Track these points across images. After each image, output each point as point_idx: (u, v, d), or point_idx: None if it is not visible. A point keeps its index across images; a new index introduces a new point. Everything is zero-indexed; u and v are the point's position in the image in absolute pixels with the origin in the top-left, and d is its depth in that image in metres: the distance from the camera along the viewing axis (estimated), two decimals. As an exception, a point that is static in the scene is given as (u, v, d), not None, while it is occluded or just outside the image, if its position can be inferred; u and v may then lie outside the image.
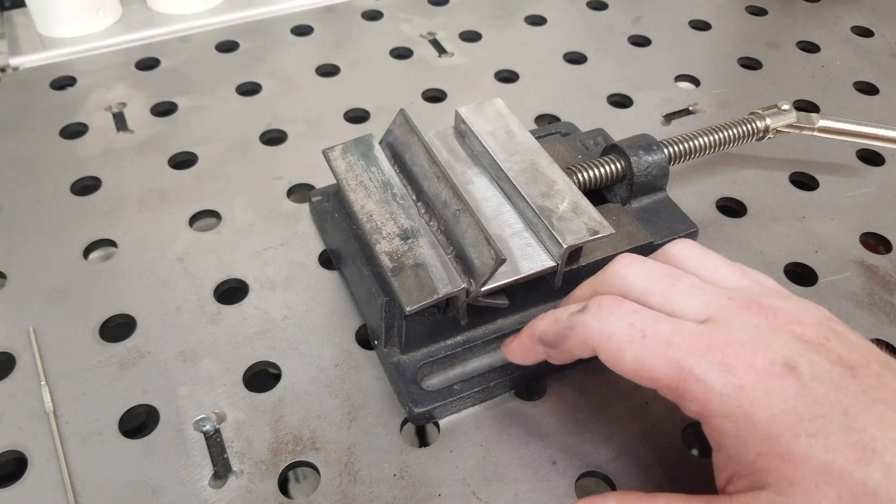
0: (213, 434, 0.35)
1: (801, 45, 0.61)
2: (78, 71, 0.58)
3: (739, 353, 0.27)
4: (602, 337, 0.29)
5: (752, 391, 0.26)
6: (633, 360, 0.28)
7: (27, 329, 0.39)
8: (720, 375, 0.26)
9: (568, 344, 0.30)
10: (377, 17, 0.64)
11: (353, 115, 0.54)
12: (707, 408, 0.27)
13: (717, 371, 0.27)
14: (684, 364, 0.27)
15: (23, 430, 0.35)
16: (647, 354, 0.28)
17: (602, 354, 0.29)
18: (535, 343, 0.32)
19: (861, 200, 0.48)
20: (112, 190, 0.48)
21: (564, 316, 0.30)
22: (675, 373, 0.27)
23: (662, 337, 0.28)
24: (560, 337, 0.31)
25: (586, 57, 0.59)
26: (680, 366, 0.27)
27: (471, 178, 0.39)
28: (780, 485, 0.25)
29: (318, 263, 0.43)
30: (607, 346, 0.29)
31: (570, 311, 0.30)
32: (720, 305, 0.29)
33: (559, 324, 0.31)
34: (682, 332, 0.28)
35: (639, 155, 0.41)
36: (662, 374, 0.27)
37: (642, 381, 0.28)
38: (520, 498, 0.33)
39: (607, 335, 0.29)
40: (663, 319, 0.28)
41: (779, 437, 0.25)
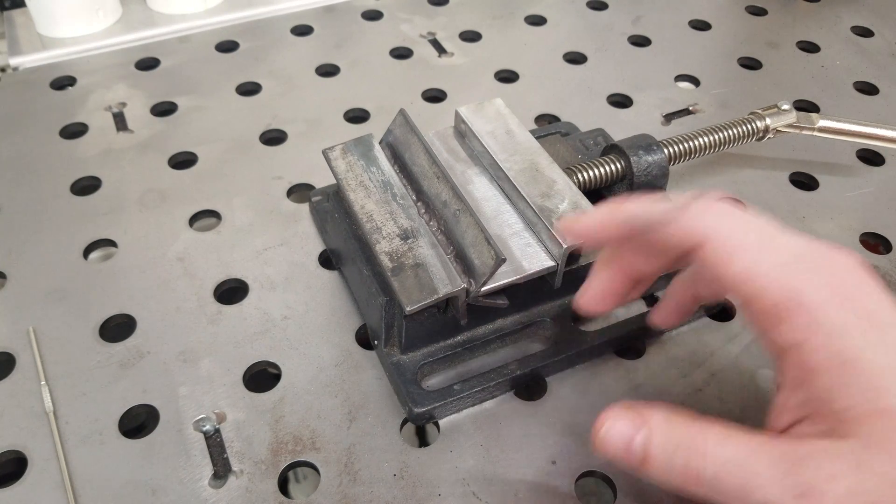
0: (213, 434, 0.35)
1: (801, 45, 0.61)
2: (78, 71, 0.58)
3: (854, 292, 0.25)
4: (717, 231, 0.26)
5: (864, 335, 0.24)
6: (744, 267, 0.25)
7: (27, 329, 0.39)
8: (838, 309, 0.24)
9: (668, 230, 0.27)
10: (377, 17, 0.64)
11: (353, 115, 0.54)
12: (810, 341, 0.24)
13: (836, 303, 0.24)
14: (800, 290, 0.24)
15: (23, 430, 0.35)
16: (762, 265, 0.25)
17: (708, 251, 0.26)
18: (618, 222, 0.29)
19: (861, 200, 0.48)
20: (112, 190, 0.48)
21: (667, 206, 0.27)
22: (786, 296, 0.25)
23: (780, 254, 0.25)
24: (662, 221, 0.27)
25: (586, 57, 0.59)
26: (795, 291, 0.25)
27: (471, 178, 0.39)
28: (868, 439, 0.23)
29: (318, 263, 0.43)
30: (720, 243, 0.25)
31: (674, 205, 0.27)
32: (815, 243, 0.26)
33: (660, 208, 0.27)
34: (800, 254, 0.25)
35: (639, 155, 0.41)
36: (772, 293, 0.25)
37: (740, 293, 0.26)
38: (520, 498, 0.33)
39: (724, 231, 0.25)
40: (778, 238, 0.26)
41: (884, 390, 0.23)
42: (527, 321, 0.38)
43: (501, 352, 0.38)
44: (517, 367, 0.36)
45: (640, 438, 0.26)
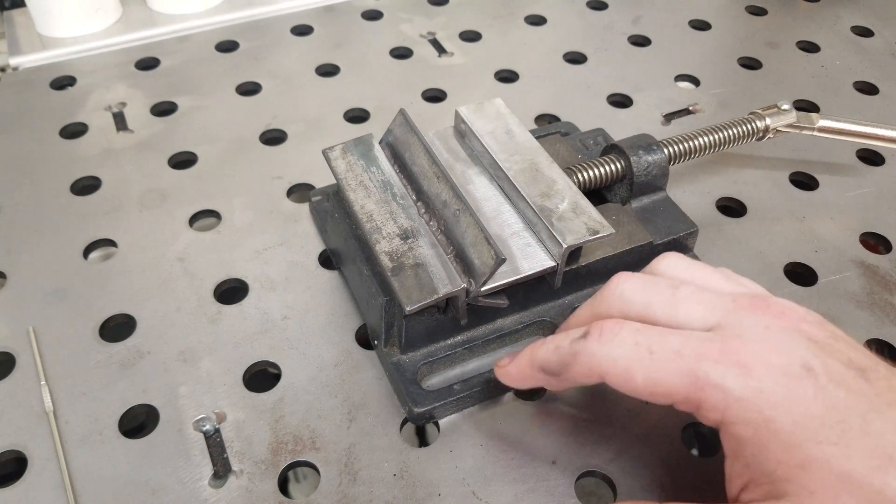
0: (213, 434, 0.35)
1: (801, 45, 0.61)
2: (78, 71, 0.58)
3: (756, 353, 0.26)
4: (608, 361, 0.28)
5: (772, 394, 0.25)
6: (644, 378, 0.27)
7: (27, 329, 0.39)
8: (738, 378, 0.26)
9: (572, 372, 0.29)
10: (377, 16, 0.64)
11: (353, 115, 0.54)
12: (726, 415, 0.26)
13: (734, 374, 0.26)
14: (698, 372, 0.26)
15: (23, 430, 0.35)
16: (658, 370, 0.27)
17: (611, 380, 0.28)
18: (535, 371, 0.31)
19: (861, 200, 0.48)
20: (112, 190, 0.48)
21: (566, 343, 0.29)
22: (690, 382, 0.26)
23: (671, 349, 0.27)
24: (563, 365, 0.30)
25: (586, 57, 0.59)
26: (694, 374, 0.26)
27: (471, 177, 0.39)
28: (799, 494, 0.25)
29: (318, 263, 0.43)
30: (615, 370, 0.28)
31: (572, 338, 0.29)
32: (725, 308, 0.28)
33: (561, 351, 0.30)
34: (690, 341, 0.27)
35: (639, 155, 0.41)
36: (677, 387, 0.26)
37: (657, 398, 0.27)
38: (520, 498, 0.33)
39: (613, 359, 0.28)
40: (669, 332, 0.28)
41: (800, 444, 0.25)
42: (527, 321, 0.38)
43: (501, 352, 0.38)
44: (517, 366, 0.36)
45: None
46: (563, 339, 0.30)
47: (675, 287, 0.29)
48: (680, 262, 0.32)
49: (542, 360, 0.31)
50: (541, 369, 0.31)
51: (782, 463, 0.25)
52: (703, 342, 0.27)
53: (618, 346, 0.28)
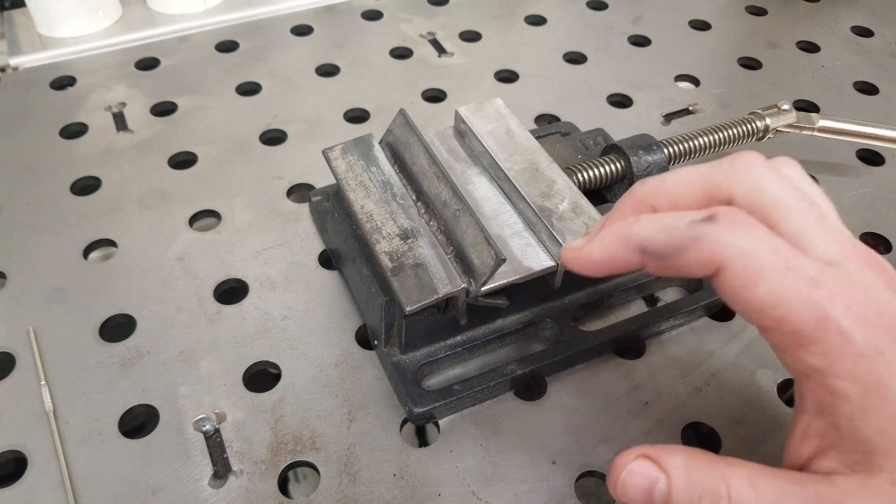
0: (212, 434, 0.35)
1: (801, 45, 0.61)
2: (78, 71, 0.58)
3: (879, 314, 0.23)
4: (739, 255, 0.24)
5: (892, 359, 0.23)
6: (769, 290, 0.23)
7: (27, 329, 0.39)
8: (864, 331, 0.23)
9: (684, 256, 0.25)
10: (377, 16, 0.64)
11: (353, 115, 0.54)
12: (836, 364, 0.23)
13: (861, 327, 0.23)
14: (829, 310, 0.23)
15: (23, 430, 0.35)
16: (787, 288, 0.23)
17: (731, 275, 0.24)
18: (631, 250, 0.26)
19: (861, 200, 0.48)
20: (112, 190, 0.48)
21: (682, 223, 0.25)
22: (817, 317, 0.23)
23: (807, 274, 0.23)
24: (675, 247, 0.25)
25: (586, 57, 0.59)
26: (825, 311, 0.23)
27: (471, 177, 0.39)
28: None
29: (318, 263, 0.43)
30: (742, 266, 0.24)
31: (691, 219, 0.25)
32: (846, 253, 0.25)
33: (675, 232, 0.25)
34: (826, 274, 0.24)
35: (639, 155, 0.41)
36: (799, 316, 0.23)
37: (766, 318, 0.24)
38: (520, 498, 0.33)
39: (747, 254, 0.24)
40: (802, 254, 0.24)
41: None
42: (527, 321, 0.38)
43: (501, 352, 0.38)
44: (517, 367, 0.36)
45: (660, 487, 0.25)
46: (675, 218, 0.25)
47: (811, 203, 0.26)
48: (806, 177, 0.28)
49: (644, 238, 0.26)
50: (640, 248, 0.26)
51: (885, 433, 0.23)
52: (839, 281, 0.24)
53: (755, 243, 0.24)
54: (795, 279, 0.23)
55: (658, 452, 0.26)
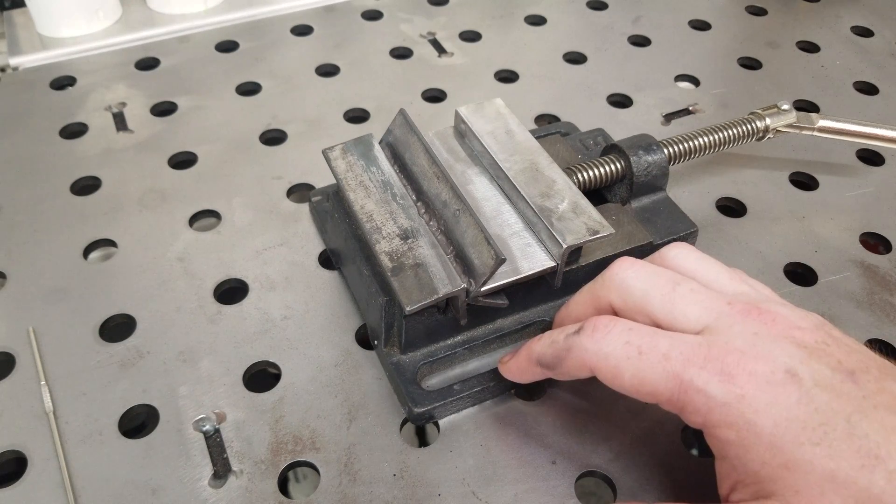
0: (212, 434, 0.35)
1: (801, 45, 0.61)
2: (78, 71, 0.58)
3: (739, 362, 0.27)
4: (599, 358, 0.29)
5: (753, 400, 0.26)
6: (631, 377, 0.28)
7: (27, 329, 0.39)
8: (720, 385, 0.26)
9: (566, 366, 0.30)
10: (377, 16, 0.64)
11: (353, 115, 0.54)
12: (709, 418, 0.27)
13: (717, 381, 0.26)
14: (683, 376, 0.27)
15: (23, 430, 0.35)
16: (645, 370, 0.28)
17: (600, 374, 0.29)
18: (533, 364, 0.32)
19: (861, 200, 0.48)
20: (112, 190, 0.48)
21: (561, 338, 0.31)
22: (675, 385, 0.27)
23: (659, 351, 0.28)
24: (557, 359, 0.31)
25: (586, 57, 0.59)
26: (679, 378, 0.27)
27: (471, 178, 0.39)
28: (784, 494, 0.25)
29: (318, 263, 0.43)
30: (605, 366, 0.29)
31: (567, 333, 0.30)
32: (719, 311, 0.29)
33: (556, 346, 0.31)
34: (678, 345, 0.28)
35: (639, 155, 0.41)
36: (662, 388, 0.27)
37: (643, 396, 0.28)
38: (520, 498, 0.33)
39: (604, 356, 0.29)
40: (659, 334, 0.28)
41: (782, 445, 0.25)
42: (527, 321, 0.38)
43: (501, 352, 0.38)
44: (517, 367, 0.36)
45: None
46: (558, 333, 0.31)
47: (676, 283, 0.30)
48: (689, 255, 0.32)
49: (538, 354, 0.32)
50: (538, 362, 0.32)
51: (766, 464, 0.26)
52: (691, 347, 0.27)
53: (609, 343, 0.29)
54: (649, 360, 0.28)
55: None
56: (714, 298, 0.29)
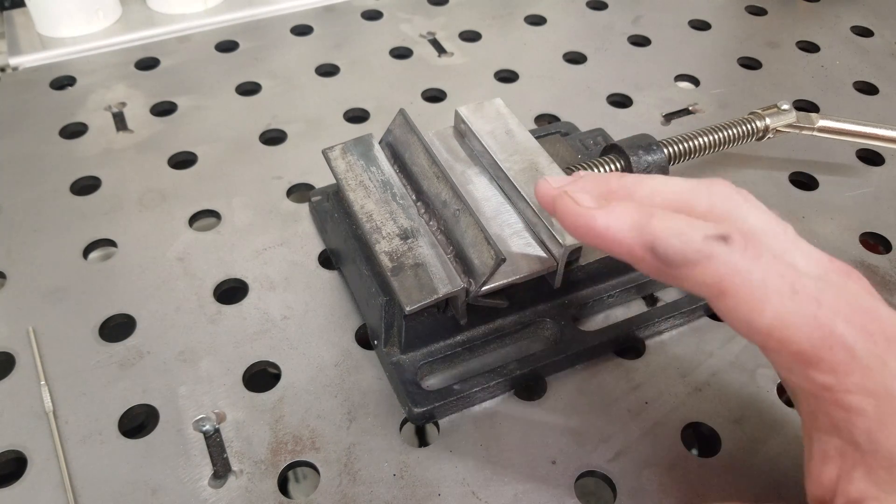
0: (212, 434, 0.35)
1: (801, 45, 0.61)
2: (78, 71, 0.58)
3: (875, 322, 0.23)
4: (745, 282, 0.23)
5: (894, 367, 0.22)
6: (774, 316, 0.23)
7: (27, 329, 0.39)
8: (866, 344, 0.23)
9: (693, 273, 0.24)
10: (377, 16, 0.64)
11: (353, 114, 0.54)
12: (845, 381, 0.23)
13: (863, 339, 0.23)
14: (835, 329, 0.23)
15: (22, 430, 0.35)
16: (792, 313, 0.23)
17: (734, 304, 0.24)
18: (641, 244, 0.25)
19: (861, 200, 0.48)
20: (112, 190, 0.48)
21: (698, 237, 0.24)
22: (819, 336, 0.23)
23: (811, 294, 0.23)
24: (685, 260, 0.24)
25: (586, 57, 0.59)
26: (828, 329, 0.23)
27: (470, 177, 0.39)
28: None
29: (318, 263, 0.43)
30: (748, 293, 0.23)
31: (706, 233, 0.24)
32: (827, 265, 0.25)
33: (690, 243, 0.24)
34: (827, 290, 0.23)
35: (638, 155, 0.41)
36: (803, 337, 0.23)
37: (770, 340, 0.24)
38: (520, 498, 0.33)
39: (752, 280, 0.23)
40: (804, 273, 0.24)
41: None
42: (527, 321, 0.38)
43: (501, 352, 0.38)
44: (517, 367, 0.36)
45: None
46: (689, 226, 0.24)
47: (784, 226, 0.26)
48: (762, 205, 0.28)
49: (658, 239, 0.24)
50: (650, 246, 0.25)
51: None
52: (838, 294, 0.23)
53: (764, 268, 0.23)
54: (800, 301, 0.23)
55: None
56: (817, 252, 0.26)
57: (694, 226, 0.24)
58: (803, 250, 0.26)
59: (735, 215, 0.26)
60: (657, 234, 0.25)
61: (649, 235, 0.25)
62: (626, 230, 0.25)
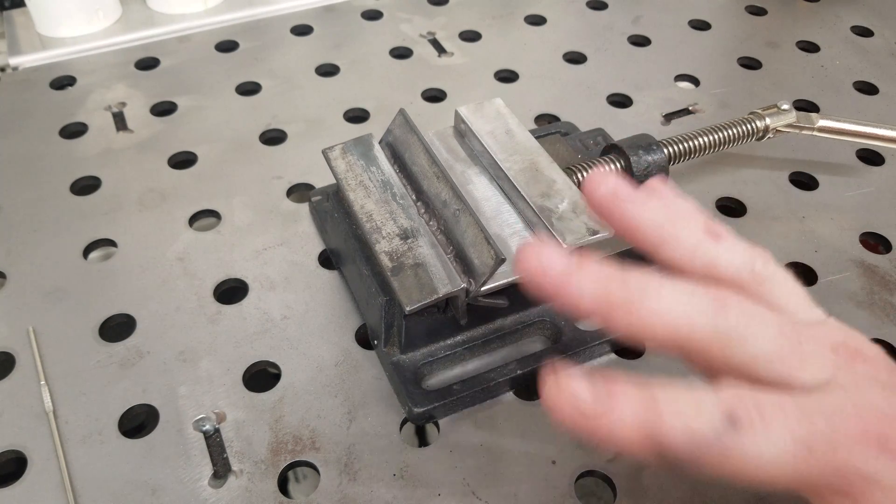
0: (212, 434, 0.35)
1: (801, 45, 0.61)
2: (78, 71, 0.58)
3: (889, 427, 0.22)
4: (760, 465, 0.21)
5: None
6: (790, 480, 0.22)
7: (27, 329, 0.39)
8: (887, 465, 0.22)
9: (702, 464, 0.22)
10: (377, 16, 0.64)
11: (353, 114, 0.54)
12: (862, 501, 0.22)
13: (883, 460, 0.22)
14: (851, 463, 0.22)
15: (22, 430, 0.35)
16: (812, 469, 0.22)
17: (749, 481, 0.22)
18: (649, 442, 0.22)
19: (861, 200, 0.48)
20: (112, 190, 0.48)
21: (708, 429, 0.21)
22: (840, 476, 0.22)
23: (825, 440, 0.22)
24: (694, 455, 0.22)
25: (586, 57, 0.59)
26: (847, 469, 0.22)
27: (470, 177, 0.39)
28: None
29: (318, 263, 0.43)
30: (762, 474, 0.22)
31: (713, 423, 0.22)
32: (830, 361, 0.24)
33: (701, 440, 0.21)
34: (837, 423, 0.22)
35: (639, 154, 0.41)
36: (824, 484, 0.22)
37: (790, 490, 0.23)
38: (520, 498, 0.33)
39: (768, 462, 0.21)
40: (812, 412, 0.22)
41: None
42: (527, 321, 0.38)
43: (501, 352, 0.38)
44: (517, 367, 0.36)
45: None
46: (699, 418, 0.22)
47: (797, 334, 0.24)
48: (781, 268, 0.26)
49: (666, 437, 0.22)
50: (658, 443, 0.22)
51: None
52: (844, 420, 0.22)
53: (775, 442, 0.22)
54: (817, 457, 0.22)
55: None
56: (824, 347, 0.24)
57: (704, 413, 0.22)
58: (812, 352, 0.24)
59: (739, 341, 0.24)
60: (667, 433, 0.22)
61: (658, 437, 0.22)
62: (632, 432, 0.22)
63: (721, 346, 0.23)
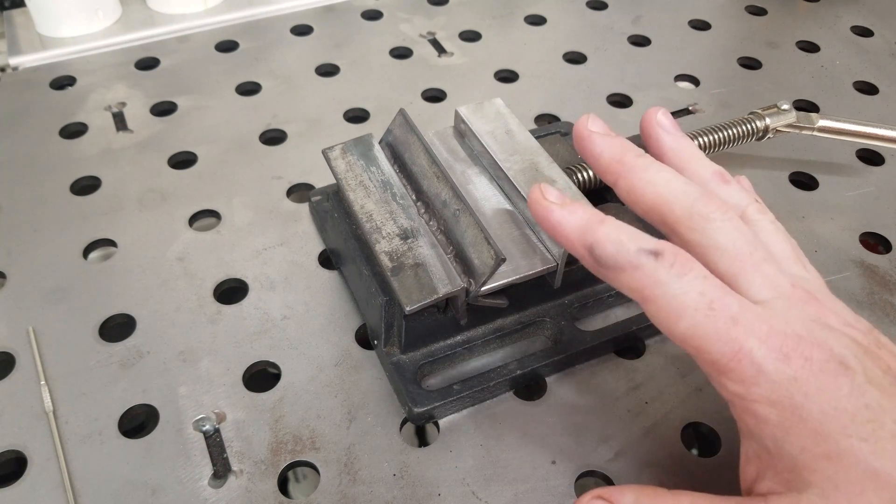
0: (212, 434, 0.35)
1: (801, 45, 0.61)
2: (78, 71, 0.58)
3: (797, 345, 0.25)
4: (664, 294, 0.26)
5: (805, 384, 0.25)
6: (687, 326, 0.26)
7: (27, 329, 0.39)
8: (776, 363, 0.25)
9: (621, 278, 0.27)
10: (377, 16, 0.64)
11: (353, 114, 0.54)
12: (752, 391, 0.25)
13: (773, 357, 0.25)
14: (743, 344, 0.25)
15: (22, 430, 0.35)
16: (706, 326, 0.26)
17: (652, 309, 0.27)
18: (582, 244, 0.28)
19: (861, 200, 0.48)
20: (112, 190, 0.48)
21: (632, 248, 0.27)
22: (730, 350, 0.25)
23: (729, 313, 0.26)
24: (616, 266, 0.27)
25: (586, 57, 0.59)
26: (738, 345, 0.25)
27: (470, 177, 0.39)
28: (823, 486, 0.24)
29: (318, 263, 0.43)
30: (663, 305, 0.26)
31: (640, 246, 0.27)
32: (781, 291, 0.27)
33: (623, 254, 0.27)
34: (747, 312, 0.26)
35: (639, 155, 0.41)
36: (715, 349, 0.26)
37: (687, 346, 0.26)
38: (520, 498, 0.33)
39: (672, 295, 0.26)
40: (730, 294, 0.26)
41: (828, 434, 0.24)
42: (527, 321, 0.38)
43: (501, 352, 0.38)
44: (517, 367, 0.36)
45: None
46: (629, 238, 0.27)
47: (754, 249, 0.28)
48: (767, 219, 0.30)
49: (597, 243, 0.28)
50: (590, 250, 0.28)
51: (807, 450, 0.25)
52: (757, 317, 0.26)
53: (683, 285, 0.26)
54: (715, 318, 0.26)
55: (610, 492, 0.28)
56: (780, 275, 0.28)
57: (634, 238, 0.27)
58: (762, 272, 0.27)
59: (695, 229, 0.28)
60: (598, 238, 0.28)
61: (591, 238, 0.28)
62: (574, 229, 0.29)
63: (690, 226, 0.28)
